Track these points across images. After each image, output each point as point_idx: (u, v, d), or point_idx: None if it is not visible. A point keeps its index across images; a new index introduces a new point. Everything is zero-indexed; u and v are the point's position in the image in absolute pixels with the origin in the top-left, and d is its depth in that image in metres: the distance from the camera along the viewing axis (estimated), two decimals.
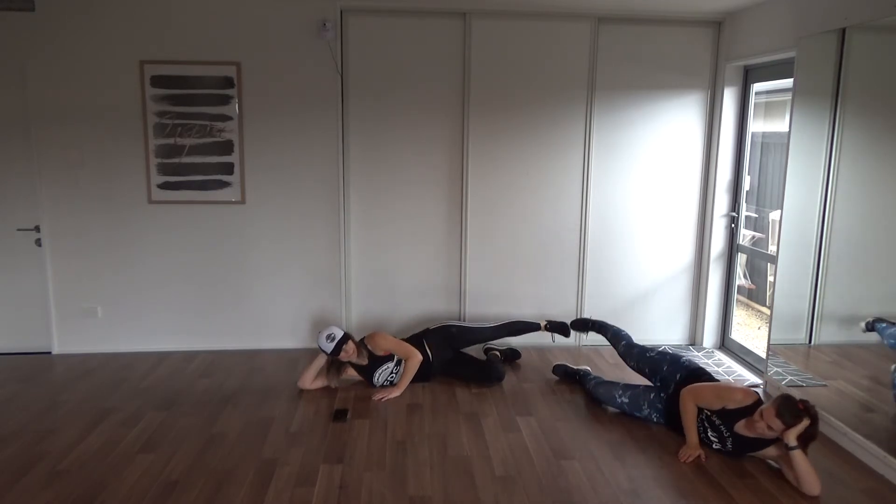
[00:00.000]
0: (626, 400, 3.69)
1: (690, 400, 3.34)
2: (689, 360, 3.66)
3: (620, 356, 4.09)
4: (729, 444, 3.23)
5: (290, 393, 4.02)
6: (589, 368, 4.28)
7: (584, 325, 4.51)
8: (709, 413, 3.29)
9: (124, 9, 4.37)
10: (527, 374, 4.42)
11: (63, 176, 4.51)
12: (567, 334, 4.52)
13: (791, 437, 2.95)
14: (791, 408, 2.96)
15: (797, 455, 2.94)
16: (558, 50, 4.65)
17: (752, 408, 3.13)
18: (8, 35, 4.33)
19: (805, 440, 2.98)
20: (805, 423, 2.95)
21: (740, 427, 3.18)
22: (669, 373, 3.61)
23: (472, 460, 3.22)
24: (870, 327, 3.30)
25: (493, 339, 4.51)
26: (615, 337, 4.22)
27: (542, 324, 4.52)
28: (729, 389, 3.31)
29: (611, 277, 4.95)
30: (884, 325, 3.22)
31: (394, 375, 4.08)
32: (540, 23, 4.61)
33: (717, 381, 3.54)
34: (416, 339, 4.21)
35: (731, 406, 3.21)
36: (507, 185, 4.78)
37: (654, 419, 3.61)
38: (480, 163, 4.74)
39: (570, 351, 4.90)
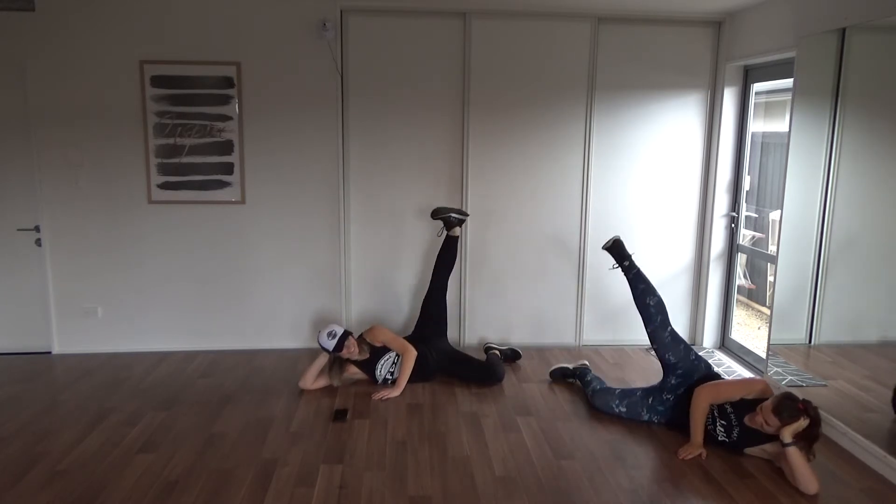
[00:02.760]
0: (624, 409, 3.66)
1: (707, 398, 3.33)
2: (710, 369, 3.59)
3: (658, 341, 3.62)
4: (735, 434, 3.24)
5: (290, 393, 4.02)
6: (587, 363, 4.27)
7: (619, 253, 3.88)
8: (722, 402, 3.32)
9: (124, 9, 4.37)
10: (527, 374, 4.42)
11: (63, 176, 4.51)
12: (438, 213, 4.38)
13: (786, 435, 2.97)
14: (789, 406, 2.98)
15: (792, 453, 2.95)
16: (558, 50, 4.65)
17: (763, 401, 3.16)
18: (8, 35, 4.34)
19: (808, 441, 2.99)
20: (802, 422, 2.97)
21: (747, 419, 3.21)
22: (696, 381, 3.51)
23: (472, 460, 3.22)
24: None
25: (443, 282, 4.40)
26: (660, 311, 3.68)
27: (440, 233, 4.42)
28: (748, 381, 3.36)
29: (611, 276, 4.94)
30: None
31: (395, 366, 4.10)
32: (540, 23, 4.61)
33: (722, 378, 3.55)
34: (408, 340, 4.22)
35: (750, 396, 3.26)
36: (507, 184, 4.78)
37: (655, 421, 3.61)
38: (480, 163, 4.74)
39: (570, 351, 4.90)
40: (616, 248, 3.93)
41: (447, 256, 4.46)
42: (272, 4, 4.43)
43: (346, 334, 3.96)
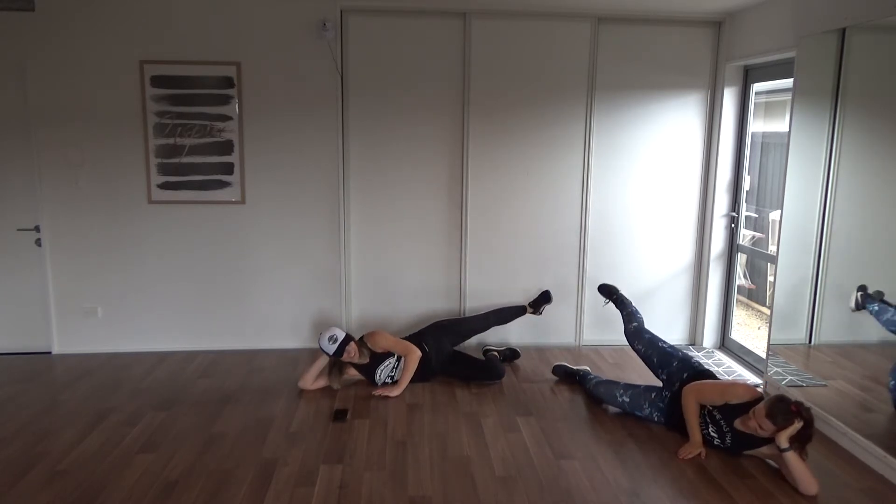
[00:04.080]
0: (628, 399, 3.69)
1: (693, 398, 3.35)
2: (699, 363, 3.65)
3: (628, 335, 4.02)
4: (728, 440, 3.24)
5: (290, 393, 4.02)
6: (588, 368, 4.28)
7: (608, 292, 4.42)
8: (711, 408, 3.31)
9: (124, 9, 4.37)
10: (527, 374, 4.42)
11: (63, 176, 4.51)
12: (549, 299, 4.61)
13: (782, 439, 2.95)
14: (782, 409, 2.96)
15: (790, 456, 2.94)
16: (558, 50, 4.65)
17: (752, 404, 3.15)
18: (8, 35, 4.34)
19: (801, 441, 2.98)
20: (797, 425, 2.94)
21: (738, 423, 3.19)
22: (678, 370, 3.60)
23: (472, 460, 3.22)
24: (860, 305, 3.26)
25: (482, 328, 4.52)
26: (630, 316, 4.14)
27: (527, 306, 4.61)
28: (732, 385, 3.35)
29: (611, 277, 4.94)
30: (876, 306, 3.20)
31: (395, 372, 4.09)
32: (540, 23, 4.61)
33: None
34: (411, 340, 4.21)
35: (734, 401, 3.24)
36: (507, 184, 4.78)
37: (655, 418, 3.61)
38: (480, 163, 4.74)
39: (571, 351, 4.90)
40: (605, 290, 4.46)
41: (507, 315, 4.58)
42: (272, 4, 4.43)
43: (347, 339, 3.95)
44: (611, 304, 4.42)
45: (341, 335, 3.94)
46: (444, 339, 4.31)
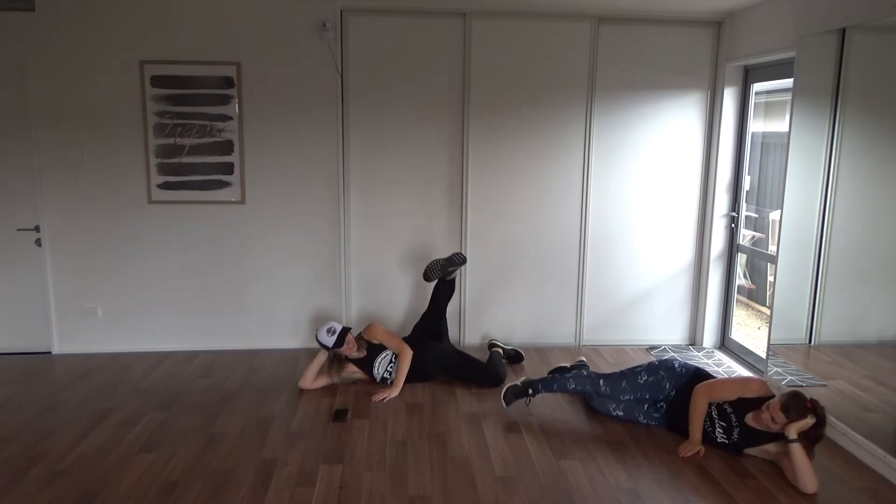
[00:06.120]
0: (622, 413, 3.66)
1: (705, 397, 3.35)
2: (683, 364, 3.64)
3: (608, 396, 3.66)
4: (735, 435, 3.25)
5: (290, 393, 4.02)
6: (584, 359, 4.28)
7: (522, 392, 3.74)
8: (722, 402, 3.33)
9: (124, 9, 4.37)
10: (527, 374, 4.42)
11: (63, 176, 4.51)
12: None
13: (792, 431, 2.99)
14: (797, 404, 3.01)
15: (796, 449, 2.96)
16: (558, 50, 4.65)
17: (765, 400, 3.18)
18: (8, 35, 4.33)
19: (810, 440, 3.01)
20: (809, 420, 2.99)
21: (749, 418, 3.21)
22: (673, 386, 3.57)
23: (472, 460, 3.22)
24: None
25: (437, 317, 4.41)
26: (580, 379, 3.72)
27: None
28: (746, 381, 3.38)
29: (611, 277, 4.95)
30: None
31: (393, 364, 4.10)
32: (540, 23, 4.61)
33: (714, 377, 3.56)
34: (410, 342, 4.22)
35: (748, 395, 3.27)
36: (506, 184, 4.78)
37: (654, 424, 3.61)
38: (480, 162, 4.74)
39: (570, 351, 4.90)
40: (518, 393, 3.76)
41: (447, 291, 4.39)
42: (272, 4, 4.43)
43: (346, 330, 3.96)
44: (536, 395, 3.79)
45: (339, 327, 3.95)
46: (431, 339, 4.32)
